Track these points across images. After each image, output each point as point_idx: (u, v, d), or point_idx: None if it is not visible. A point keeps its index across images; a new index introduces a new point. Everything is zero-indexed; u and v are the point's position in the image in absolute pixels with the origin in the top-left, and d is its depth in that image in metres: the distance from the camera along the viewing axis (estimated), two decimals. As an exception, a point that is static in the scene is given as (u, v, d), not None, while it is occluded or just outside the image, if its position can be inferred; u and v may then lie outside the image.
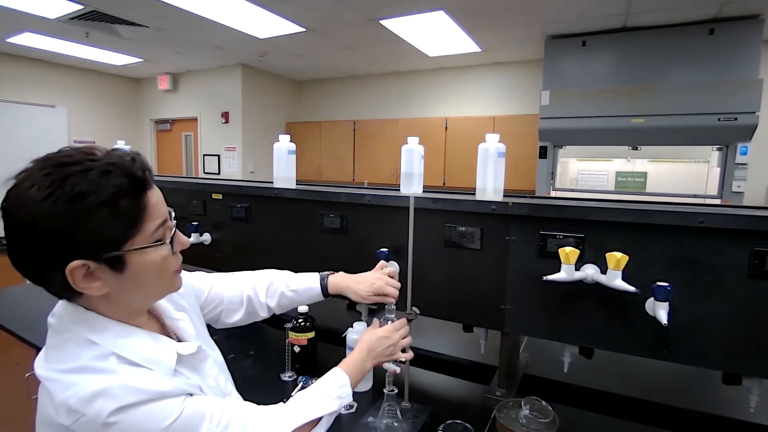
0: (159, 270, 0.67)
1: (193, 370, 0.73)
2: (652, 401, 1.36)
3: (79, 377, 0.59)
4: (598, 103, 3.77)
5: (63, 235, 0.57)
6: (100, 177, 0.59)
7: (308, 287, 1.15)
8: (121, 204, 0.60)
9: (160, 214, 0.66)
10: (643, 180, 4.05)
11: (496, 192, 1.28)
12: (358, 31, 4.20)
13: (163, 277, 0.69)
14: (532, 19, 3.74)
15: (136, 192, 0.62)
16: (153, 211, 0.65)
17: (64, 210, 0.57)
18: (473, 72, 5.41)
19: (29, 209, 0.57)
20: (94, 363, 0.61)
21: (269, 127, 6.23)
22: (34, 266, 0.61)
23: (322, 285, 1.15)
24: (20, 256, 0.61)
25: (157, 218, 0.66)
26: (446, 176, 5.20)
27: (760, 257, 0.99)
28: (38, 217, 0.56)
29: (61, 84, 5.98)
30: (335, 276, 1.18)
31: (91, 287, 0.61)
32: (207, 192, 1.89)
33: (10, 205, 0.59)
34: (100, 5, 3.67)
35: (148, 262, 0.65)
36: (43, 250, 0.59)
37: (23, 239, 0.59)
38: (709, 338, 1.06)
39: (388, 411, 1.15)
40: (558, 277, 1.10)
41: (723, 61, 3.54)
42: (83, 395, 0.57)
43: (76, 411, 0.57)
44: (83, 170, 0.59)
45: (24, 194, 0.58)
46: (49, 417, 0.60)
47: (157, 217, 0.66)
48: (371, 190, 1.61)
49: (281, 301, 1.14)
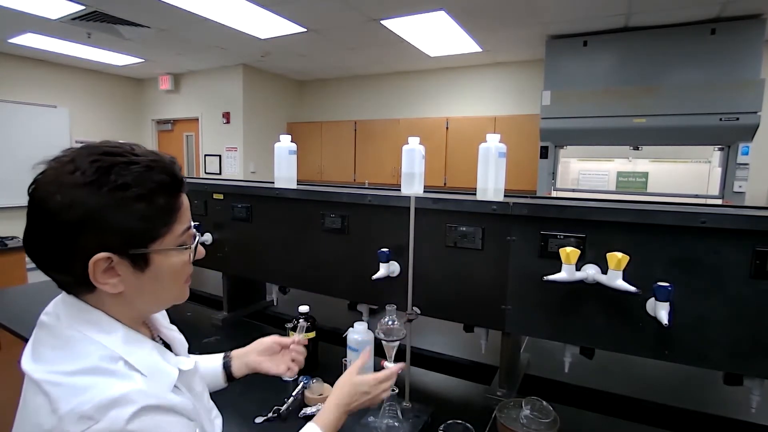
0: (176, 275, 0.67)
1: (187, 387, 0.70)
2: (652, 401, 1.36)
3: (92, 380, 0.55)
4: (600, 103, 3.77)
5: (97, 223, 0.56)
6: (144, 171, 0.60)
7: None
8: (158, 200, 0.61)
9: (188, 219, 0.67)
10: (645, 180, 4.05)
11: (497, 192, 1.28)
12: (359, 32, 4.20)
13: (177, 283, 0.68)
14: (533, 19, 3.73)
15: (173, 191, 0.63)
16: (183, 215, 0.65)
17: (106, 198, 0.56)
18: (474, 72, 5.41)
19: (69, 193, 0.56)
20: (106, 365, 0.57)
21: (270, 127, 6.24)
22: (57, 253, 0.58)
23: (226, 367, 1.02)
24: (43, 241, 0.58)
25: (185, 222, 0.66)
26: (447, 176, 5.20)
27: (762, 257, 0.98)
28: (77, 201, 0.55)
29: (63, 84, 5.99)
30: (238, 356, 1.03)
31: (109, 283, 0.60)
32: (208, 192, 1.89)
33: (44, 188, 0.57)
34: (101, 6, 3.68)
35: (169, 265, 0.65)
36: (71, 237, 0.57)
37: (52, 223, 0.56)
38: (710, 338, 1.06)
39: (388, 411, 1.15)
40: (559, 277, 1.10)
41: (724, 61, 3.54)
42: (101, 400, 0.53)
43: (90, 418, 0.52)
44: (128, 162, 0.59)
45: (65, 177, 0.57)
46: (39, 423, 0.54)
47: (186, 221, 0.66)
48: (372, 190, 1.61)
49: None
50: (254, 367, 1.00)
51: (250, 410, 1.24)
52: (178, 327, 0.83)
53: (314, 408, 1.24)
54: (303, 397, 1.29)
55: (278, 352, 1.02)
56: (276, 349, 1.01)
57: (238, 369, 1.00)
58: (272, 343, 1.01)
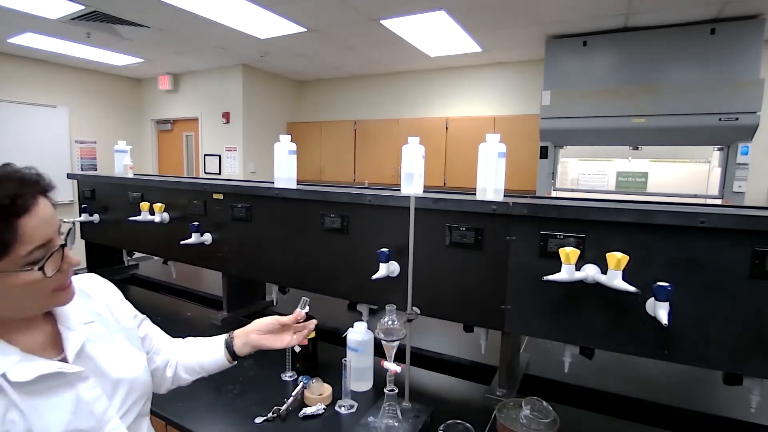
0: (30, 290, 0.68)
1: (34, 396, 0.68)
2: (652, 401, 1.37)
3: None
4: (599, 103, 3.77)
5: None
6: None
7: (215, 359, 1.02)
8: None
9: (40, 238, 0.67)
10: (644, 180, 4.05)
11: (497, 192, 1.28)
12: (359, 32, 4.20)
13: (35, 296, 0.70)
14: (532, 19, 3.73)
15: (4, 218, 0.64)
16: (27, 236, 0.66)
17: None
18: (474, 72, 5.41)
19: None
20: None
21: (270, 127, 6.24)
22: None
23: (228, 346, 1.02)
24: None
25: (33, 242, 0.67)
26: (447, 176, 5.20)
27: (761, 257, 0.98)
28: None
29: (63, 84, 5.99)
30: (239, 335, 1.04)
31: None
32: (208, 192, 1.89)
33: None
34: (101, 5, 3.68)
35: (15, 283, 0.66)
36: None
37: None
38: (710, 338, 1.06)
39: (388, 411, 1.15)
40: (558, 277, 1.10)
41: (724, 61, 3.54)
42: None
43: None
44: None
45: None
46: None
47: (33, 241, 0.67)
48: (372, 190, 1.61)
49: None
50: (256, 345, 1.01)
51: (249, 410, 1.24)
52: (178, 327, 0.82)
53: (314, 408, 1.24)
54: (303, 397, 1.29)
55: (278, 330, 1.03)
56: (276, 327, 1.02)
57: (241, 348, 1.01)
58: (273, 322, 1.02)
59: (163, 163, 6.96)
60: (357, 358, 1.36)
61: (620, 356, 1.23)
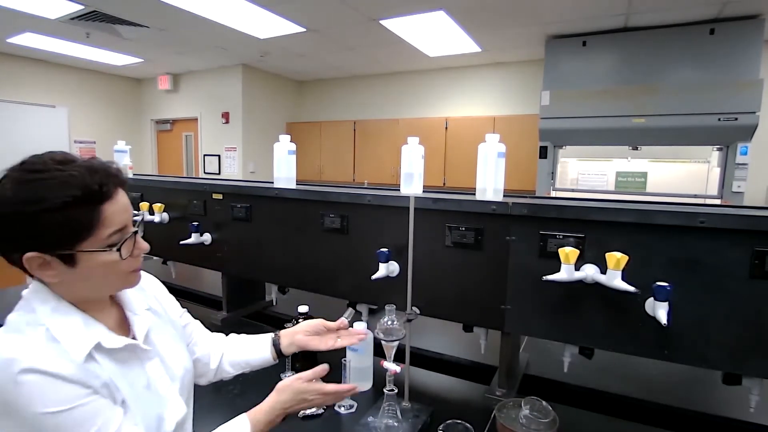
0: (108, 270, 0.74)
1: (120, 364, 0.75)
2: (652, 401, 1.36)
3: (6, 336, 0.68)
4: (599, 103, 3.77)
5: (22, 229, 0.68)
6: (58, 186, 0.68)
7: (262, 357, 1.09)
8: (72, 211, 0.68)
9: (118, 222, 0.74)
10: (644, 180, 4.05)
11: (497, 192, 1.28)
12: (359, 32, 4.20)
13: (112, 276, 0.76)
14: (532, 19, 3.74)
15: (89, 203, 0.70)
16: (108, 220, 0.72)
17: (23, 209, 0.67)
18: (473, 72, 5.41)
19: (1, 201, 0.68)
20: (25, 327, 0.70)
21: (270, 127, 6.23)
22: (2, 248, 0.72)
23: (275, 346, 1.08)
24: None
25: (113, 226, 0.73)
26: (446, 176, 5.20)
27: (761, 257, 0.98)
28: (4, 210, 0.68)
29: (62, 84, 5.98)
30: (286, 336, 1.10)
31: (46, 275, 0.71)
32: (207, 192, 1.89)
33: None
34: (100, 5, 3.68)
35: (98, 263, 0.73)
36: (5, 237, 0.70)
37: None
38: (710, 338, 1.06)
39: (388, 411, 1.15)
40: (558, 277, 1.10)
41: (723, 61, 3.54)
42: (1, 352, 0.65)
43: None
44: (45, 178, 0.68)
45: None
46: None
47: (113, 225, 0.73)
48: (371, 190, 1.61)
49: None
50: (302, 345, 1.06)
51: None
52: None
53: (314, 408, 1.24)
54: (302, 397, 1.29)
55: (324, 332, 1.07)
56: (322, 330, 1.07)
57: (287, 347, 1.06)
58: (319, 325, 1.08)
59: (163, 163, 6.96)
60: (357, 358, 1.36)
61: (620, 356, 1.23)
